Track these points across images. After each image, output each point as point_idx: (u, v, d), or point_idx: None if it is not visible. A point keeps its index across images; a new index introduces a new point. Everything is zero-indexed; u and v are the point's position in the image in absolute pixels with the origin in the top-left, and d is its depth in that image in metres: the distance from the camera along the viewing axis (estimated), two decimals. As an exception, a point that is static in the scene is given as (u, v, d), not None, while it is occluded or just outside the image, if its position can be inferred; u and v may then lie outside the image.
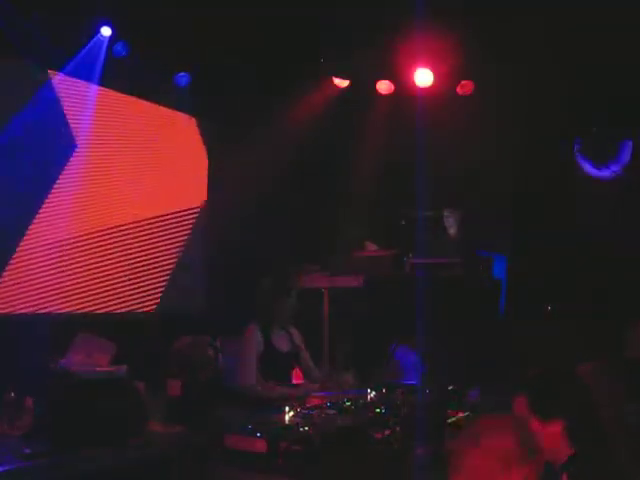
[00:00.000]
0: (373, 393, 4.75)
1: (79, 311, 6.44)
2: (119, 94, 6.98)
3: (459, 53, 6.92)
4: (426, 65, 7.31)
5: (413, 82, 7.44)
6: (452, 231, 7.17)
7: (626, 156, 7.24)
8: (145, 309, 7.02)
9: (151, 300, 7.11)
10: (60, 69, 6.45)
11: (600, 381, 3.26)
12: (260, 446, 3.70)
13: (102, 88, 6.77)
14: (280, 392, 4.92)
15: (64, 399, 4.77)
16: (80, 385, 5.18)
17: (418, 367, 5.88)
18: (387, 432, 4.12)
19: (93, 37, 6.54)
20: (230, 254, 7.42)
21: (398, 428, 4.17)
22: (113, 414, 4.77)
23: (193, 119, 7.67)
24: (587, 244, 7.11)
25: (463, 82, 7.45)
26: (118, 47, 6.73)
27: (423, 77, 7.36)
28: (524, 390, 3.01)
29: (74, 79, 6.57)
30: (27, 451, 4.30)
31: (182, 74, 7.20)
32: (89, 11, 6.37)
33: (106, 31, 6.57)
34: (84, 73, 6.59)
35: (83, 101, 6.67)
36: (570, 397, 2.96)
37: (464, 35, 6.54)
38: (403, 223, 7.17)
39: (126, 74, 6.83)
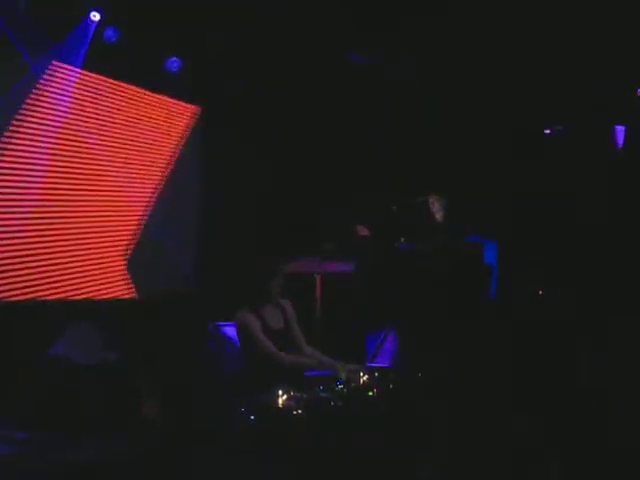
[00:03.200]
0: (366, 376, 4.77)
1: (68, 297, 6.43)
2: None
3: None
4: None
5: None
6: (438, 216, 7.20)
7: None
8: (135, 294, 7.03)
9: (140, 286, 7.13)
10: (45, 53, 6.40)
11: None
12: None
13: (85, 72, 6.72)
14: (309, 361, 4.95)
15: (58, 385, 4.80)
16: (74, 371, 5.19)
17: (408, 352, 5.92)
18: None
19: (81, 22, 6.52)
20: (220, 238, 7.43)
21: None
22: (107, 399, 4.81)
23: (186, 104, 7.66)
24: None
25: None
26: (109, 33, 6.69)
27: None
28: None
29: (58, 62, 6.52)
30: (20, 436, 4.33)
31: (174, 59, 7.16)
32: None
33: (95, 16, 6.54)
34: (68, 57, 6.56)
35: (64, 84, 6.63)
36: None
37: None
38: (394, 208, 7.19)
39: (117, 59, 6.78)
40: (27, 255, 6.24)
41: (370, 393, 4.56)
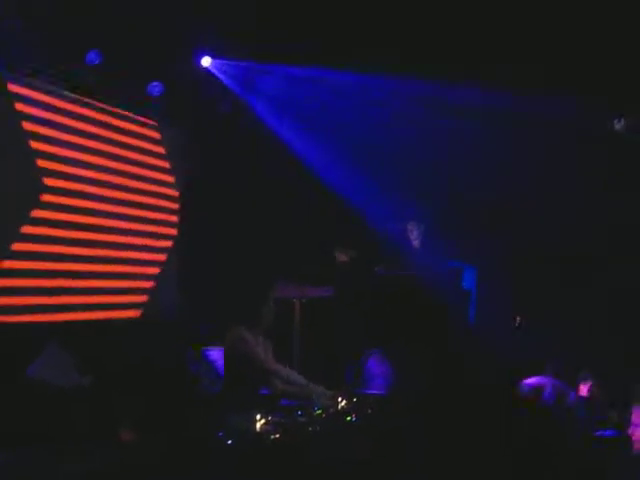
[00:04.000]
0: (344, 402, 4.78)
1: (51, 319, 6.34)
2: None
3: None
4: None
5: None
6: (416, 243, 7.26)
7: None
8: (121, 315, 6.96)
9: (126, 308, 7.05)
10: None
11: None
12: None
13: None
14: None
15: (34, 406, 4.75)
16: (49, 393, 5.15)
17: (388, 377, 5.92)
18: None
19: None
20: (204, 262, 7.39)
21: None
22: (82, 421, 4.76)
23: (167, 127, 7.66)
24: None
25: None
26: (91, 55, 6.68)
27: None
28: None
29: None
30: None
31: (155, 83, 7.15)
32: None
33: None
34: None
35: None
36: None
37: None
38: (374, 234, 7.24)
39: (99, 82, 6.76)
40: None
41: (348, 418, 4.57)
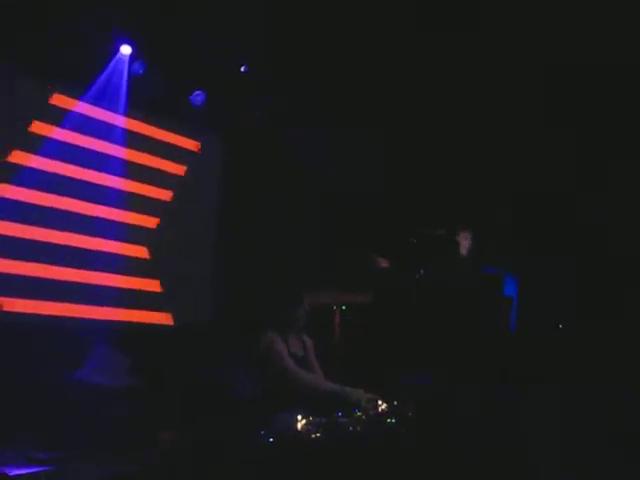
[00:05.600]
0: (384, 405, 4.78)
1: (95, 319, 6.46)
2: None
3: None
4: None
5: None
6: (464, 251, 7.25)
7: None
8: (159, 321, 7.05)
9: (165, 312, 7.14)
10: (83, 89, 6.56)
11: None
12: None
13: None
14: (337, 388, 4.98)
15: (81, 406, 4.85)
16: (97, 393, 5.24)
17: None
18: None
19: (113, 56, 6.66)
20: (240, 268, 7.44)
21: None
22: (126, 422, 4.85)
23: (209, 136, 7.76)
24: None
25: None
26: (135, 66, 6.82)
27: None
28: None
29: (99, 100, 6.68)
30: (41, 456, 4.36)
31: (198, 92, 7.25)
32: (108, 30, 6.49)
33: (126, 49, 6.66)
34: (109, 94, 6.73)
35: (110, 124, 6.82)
36: None
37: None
38: (414, 241, 7.24)
39: (142, 92, 6.90)
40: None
41: (389, 420, 4.57)
